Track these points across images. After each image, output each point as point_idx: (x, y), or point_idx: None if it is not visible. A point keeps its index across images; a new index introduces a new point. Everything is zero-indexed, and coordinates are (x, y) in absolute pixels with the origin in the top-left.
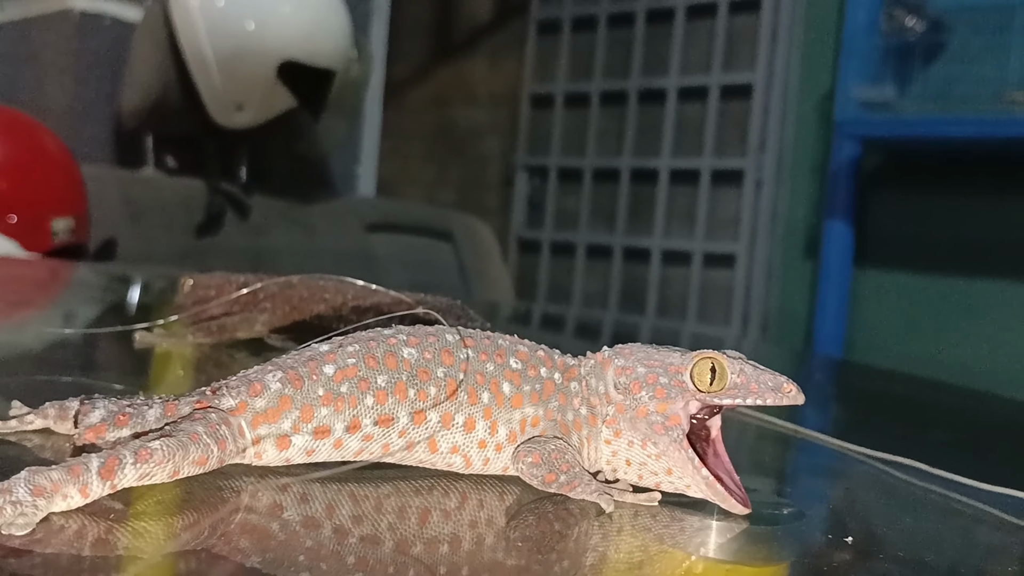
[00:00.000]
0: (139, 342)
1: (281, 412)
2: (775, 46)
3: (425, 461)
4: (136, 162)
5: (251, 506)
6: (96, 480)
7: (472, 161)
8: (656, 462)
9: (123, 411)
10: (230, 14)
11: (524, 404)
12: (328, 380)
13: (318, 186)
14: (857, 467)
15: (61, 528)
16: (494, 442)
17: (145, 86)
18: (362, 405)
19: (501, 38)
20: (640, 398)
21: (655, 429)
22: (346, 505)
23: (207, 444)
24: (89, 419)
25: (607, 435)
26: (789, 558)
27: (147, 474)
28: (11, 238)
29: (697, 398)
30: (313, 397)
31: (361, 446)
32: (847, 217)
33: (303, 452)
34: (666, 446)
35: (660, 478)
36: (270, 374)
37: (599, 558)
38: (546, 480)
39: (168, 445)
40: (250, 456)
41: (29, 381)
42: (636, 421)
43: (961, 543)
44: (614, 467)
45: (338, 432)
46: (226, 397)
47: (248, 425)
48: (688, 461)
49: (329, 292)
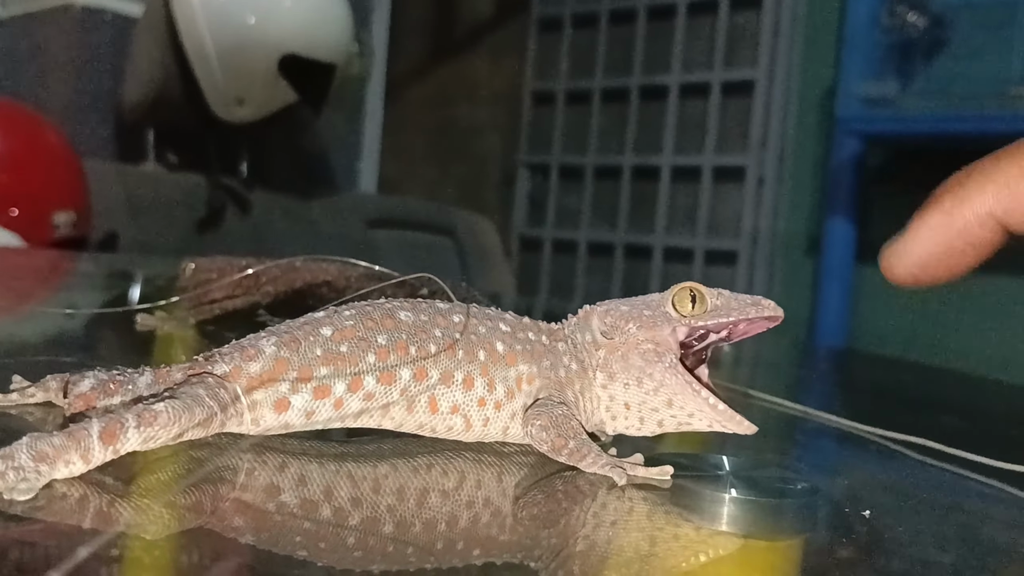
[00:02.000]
0: (140, 325)
1: (278, 375)
2: (777, 42)
3: (425, 425)
4: (137, 156)
5: (248, 484)
6: (98, 445)
7: (473, 158)
8: (655, 396)
9: (113, 379)
10: (231, 8)
11: (518, 362)
12: (326, 340)
13: (319, 181)
14: (869, 446)
15: (63, 496)
16: (493, 400)
17: (146, 81)
18: (364, 363)
19: (502, 35)
20: (628, 330)
21: (648, 359)
22: (344, 486)
23: (211, 406)
24: (79, 387)
25: (602, 380)
26: (805, 531)
27: (152, 437)
28: (13, 231)
29: (683, 323)
30: (311, 358)
31: (362, 406)
32: (849, 214)
33: (303, 414)
34: (662, 374)
35: (661, 414)
36: (264, 339)
37: (612, 532)
38: (555, 445)
39: (173, 406)
40: (247, 422)
41: (30, 362)
42: (628, 357)
43: (976, 520)
44: (613, 414)
45: (339, 391)
46: (219, 363)
47: (243, 390)
48: (687, 384)
49: (332, 274)
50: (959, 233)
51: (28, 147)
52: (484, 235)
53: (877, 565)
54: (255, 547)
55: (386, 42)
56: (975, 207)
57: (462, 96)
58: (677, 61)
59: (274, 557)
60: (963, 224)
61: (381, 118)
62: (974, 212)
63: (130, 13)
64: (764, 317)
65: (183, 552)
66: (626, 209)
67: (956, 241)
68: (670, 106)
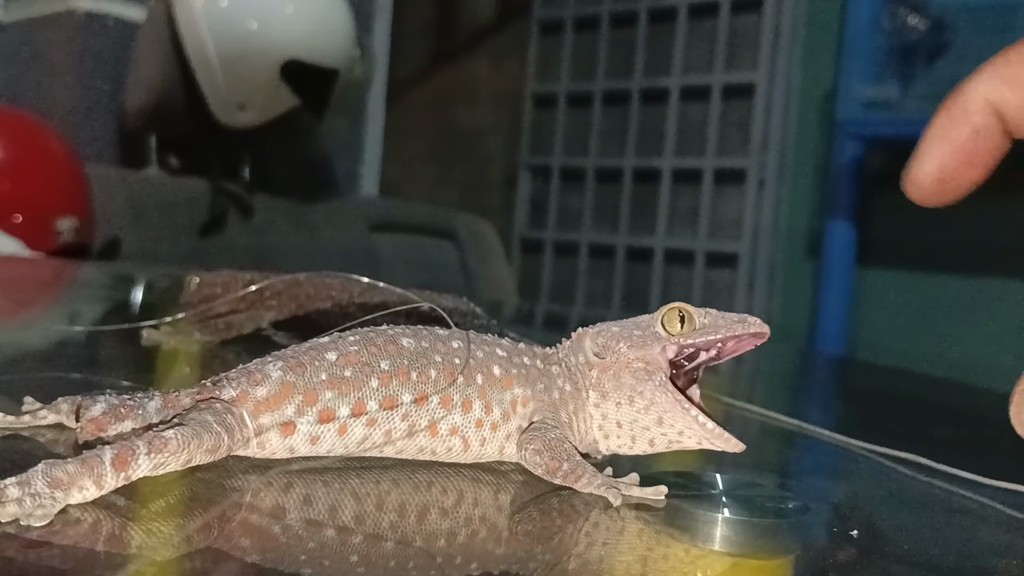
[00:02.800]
0: (146, 340)
1: (284, 399)
2: (777, 45)
3: (425, 448)
4: (140, 162)
5: (255, 505)
6: (111, 471)
7: (475, 161)
8: (646, 415)
9: (124, 404)
10: (233, 13)
11: (513, 385)
12: (331, 365)
13: (321, 186)
14: (861, 463)
15: (78, 520)
16: (490, 421)
17: (149, 86)
18: (367, 387)
19: (504, 38)
20: (619, 350)
21: (639, 377)
22: (349, 505)
23: (218, 432)
24: (91, 412)
25: (594, 400)
26: (794, 551)
27: (162, 464)
28: (16, 238)
29: (672, 342)
30: (316, 382)
31: (365, 432)
32: (849, 217)
33: (308, 439)
34: (652, 393)
35: (652, 432)
36: (270, 364)
37: (605, 551)
38: (550, 468)
39: (183, 434)
40: (253, 447)
41: (38, 378)
42: (620, 376)
43: (966, 538)
44: (606, 433)
45: (343, 416)
46: (227, 388)
47: (250, 415)
48: (677, 403)
49: (335, 290)
50: (963, 126)
51: (30, 153)
52: (485, 238)
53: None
54: (261, 566)
55: (388, 46)
56: (971, 95)
57: (463, 99)
58: (678, 64)
59: (280, 575)
60: (963, 114)
61: (383, 122)
62: (972, 101)
63: (132, 18)
64: (751, 334)
65: (192, 573)
66: (627, 211)
67: (964, 138)
68: (671, 108)
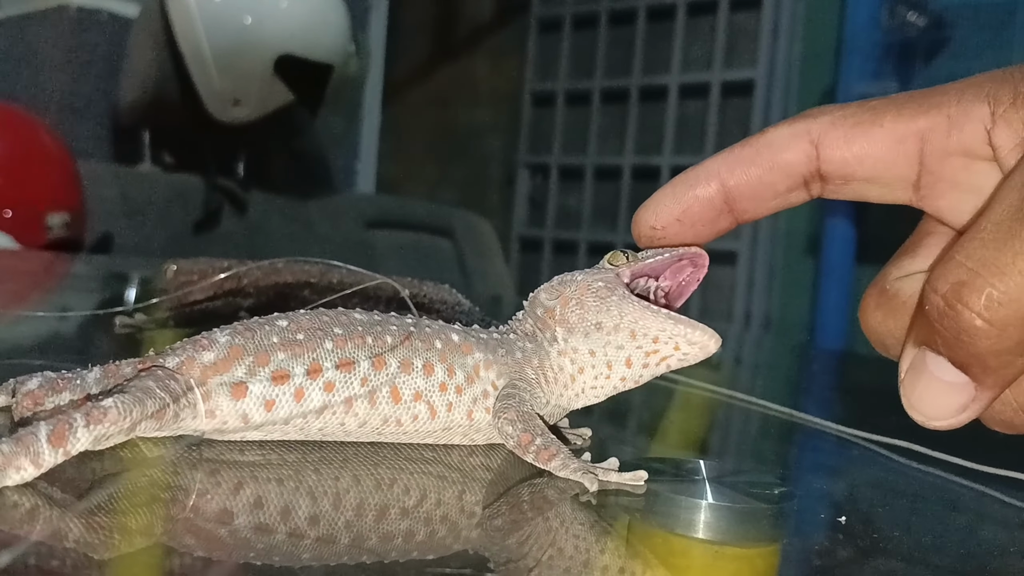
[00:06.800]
0: (120, 327)
1: (233, 361)
2: (776, 43)
3: (390, 418)
4: (133, 157)
5: (199, 506)
6: (47, 448)
7: (474, 159)
8: (617, 335)
9: (61, 376)
10: (227, 9)
11: (474, 350)
12: (282, 330)
13: (317, 182)
14: (852, 450)
15: (15, 505)
16: (454, 384)
17: (142, 81)
18: (322, 348)
19: (502, 36)
20: (576, 279)
21: (601, 295)
22: (304, 504)
23: (162, 397)
24: (26, 386)
25: (562, 335)
26: (780, 538)
27: (103, 435)
28: (6, 232)
29: (622, 272)
30: (268, 344)
31: (324, 399)
32: (848, 214)
33: (261, 403)
34: (618, 306)
35: (627, 350)
36: (217, 332)
37: (580, 541)
38: (522, 441)
39: (123, 401)
40: (202, 413)
41: (25, 365)
42: (583, 301)
43: (960, 524)
44: (580, 366)
45: (298, 378)
46: (171, 356)
47: (196, 380)
48: (644, 308)
49: (315, 276)
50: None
51: (22, 148)
52: (483, 236)
53: (851, 571)
54: (210, 560)
55: (384, 41)
56: (705, 169)
57: (462, 97)
58: (677, 61)
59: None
60: (695, 180)
61: (379, 118)
62: (703, 174)
63: (126, 14)
64: (691, 255)
65: (133, 570)
66: (626, 210)
67: (690, 202)
68: (670, 106)
